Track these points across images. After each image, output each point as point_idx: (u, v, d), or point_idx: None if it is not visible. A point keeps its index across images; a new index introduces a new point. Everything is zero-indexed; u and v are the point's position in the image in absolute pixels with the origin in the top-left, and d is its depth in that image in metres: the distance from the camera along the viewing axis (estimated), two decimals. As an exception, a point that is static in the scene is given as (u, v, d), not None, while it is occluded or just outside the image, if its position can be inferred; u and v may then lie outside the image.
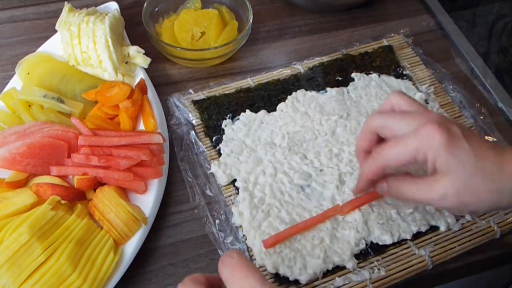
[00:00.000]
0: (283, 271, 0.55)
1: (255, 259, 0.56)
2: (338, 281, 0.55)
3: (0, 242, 0.53)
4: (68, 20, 0.69)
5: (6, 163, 0.58)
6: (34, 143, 0.59)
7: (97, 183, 0.59)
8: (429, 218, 0.59)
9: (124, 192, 0.59)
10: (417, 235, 0.59)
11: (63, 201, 0.57)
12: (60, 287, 0.51)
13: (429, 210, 0.60)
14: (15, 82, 0.68)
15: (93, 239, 0.55)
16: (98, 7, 0.74)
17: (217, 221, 0.59)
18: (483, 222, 0.60)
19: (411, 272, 0.57)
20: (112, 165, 0.58)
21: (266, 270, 0.55)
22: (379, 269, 0.56)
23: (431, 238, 0.59)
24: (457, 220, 0.60)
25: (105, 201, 0.56)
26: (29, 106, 0.65)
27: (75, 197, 0.58)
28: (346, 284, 0.55)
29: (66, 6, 0.71)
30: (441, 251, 0.58)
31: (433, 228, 0.60)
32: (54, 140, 0.59)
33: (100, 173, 0.58)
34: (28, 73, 0.68)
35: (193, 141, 0.66)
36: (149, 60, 0.72)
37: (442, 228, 0.59)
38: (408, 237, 0.58)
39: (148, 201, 0.59)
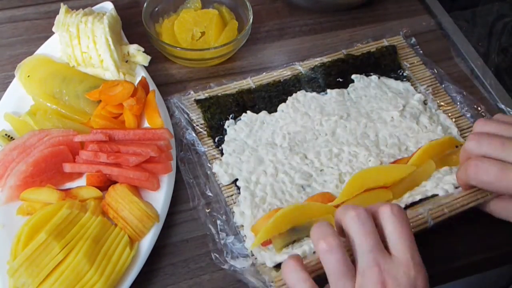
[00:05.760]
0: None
1: (256, 258, 0.56)
2: None
3: (17, 241, 0.53)
4: (66, 21, 0.69)
5: (23, 188, 0.58)
6: (37, 159, 0.59)
7: (107, 180, 0.59)
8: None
9: (136, 189, 0.60)
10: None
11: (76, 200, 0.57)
12: (78, 284, 0.51)
13: None
14: (16, 86, 0.68)
15: (109, 236, 0.55)
16: (93, 7, 0.74)
17: (218, 221, 0.59)
18: None
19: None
20: (121, 162, 0.58)
21: (266, 267, 0.55)
22: None
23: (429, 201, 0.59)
24: (456, 188, 0.60)
25: (119, 199, 0.57)
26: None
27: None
28: None
29: (63, 8, 0.71)
30: (439, 209, 0.57)
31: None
32: (54, 148, 0.60)
33: (115, 171, 0.58)
34: (29, 76, 0.68)
35: (194, 141, 0.66)
36: (149, 57, 0.72)
37: (441, 193, 0.59)
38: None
39: (159, 198, 0.59)
